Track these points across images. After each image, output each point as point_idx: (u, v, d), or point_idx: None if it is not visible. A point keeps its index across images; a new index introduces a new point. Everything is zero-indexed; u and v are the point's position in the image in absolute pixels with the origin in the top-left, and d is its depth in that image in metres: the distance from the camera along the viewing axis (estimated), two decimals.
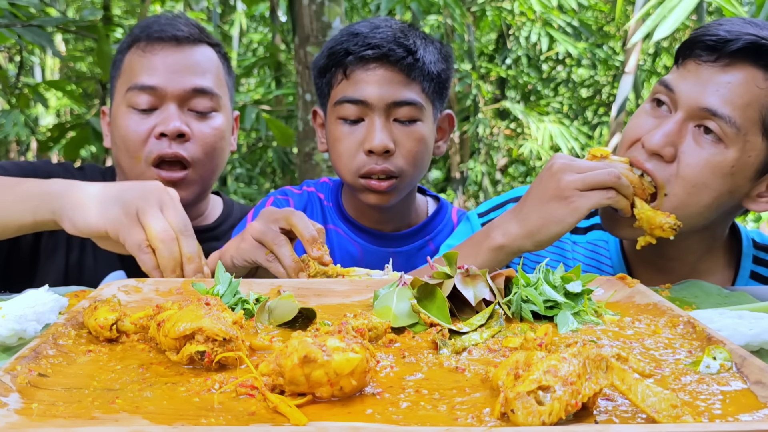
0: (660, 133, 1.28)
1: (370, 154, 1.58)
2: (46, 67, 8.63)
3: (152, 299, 1.07)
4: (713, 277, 1.45)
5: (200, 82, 1.65)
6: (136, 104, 1.63)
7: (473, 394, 0.71)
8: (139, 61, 1.66)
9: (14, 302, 0.94)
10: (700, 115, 1.28)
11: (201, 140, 1.65)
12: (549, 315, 0.96)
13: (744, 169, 1.29)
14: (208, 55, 1.71)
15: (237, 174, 8.22)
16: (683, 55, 1.33)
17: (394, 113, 1.59)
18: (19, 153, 9.70)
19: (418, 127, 1.61)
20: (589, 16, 7.92)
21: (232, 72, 1.82)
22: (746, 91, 1.26)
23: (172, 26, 1.68)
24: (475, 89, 7.15)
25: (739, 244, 1.51)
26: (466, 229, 1.61)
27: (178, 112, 1.63)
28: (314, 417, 0.65)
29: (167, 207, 1.20)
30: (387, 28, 1.61)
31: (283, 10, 7.15)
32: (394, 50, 1.57)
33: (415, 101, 1.59)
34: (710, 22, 1.35)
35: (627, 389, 0.64)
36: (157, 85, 1.62)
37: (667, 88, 1.33)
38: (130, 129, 1.63)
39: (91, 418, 0.66)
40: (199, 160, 1.65)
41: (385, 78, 1.58)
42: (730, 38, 1.26)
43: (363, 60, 1.58)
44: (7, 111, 4.07)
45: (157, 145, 1.61)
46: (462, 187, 7.94)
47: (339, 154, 1.63)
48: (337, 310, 1.03)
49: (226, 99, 1.73)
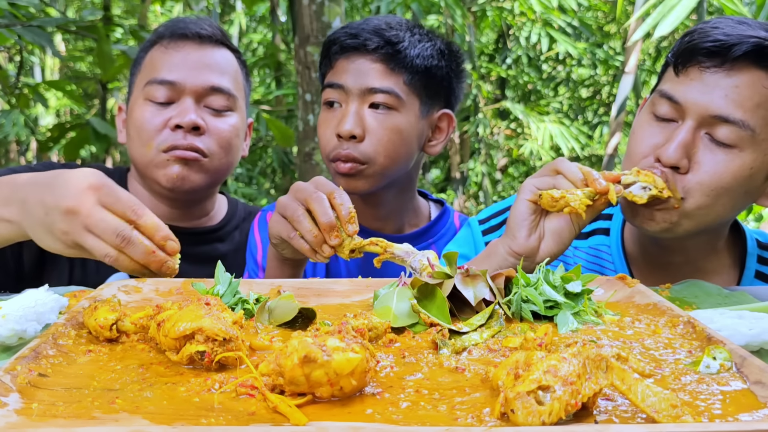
0: (674, 147, 1.27)
1: (340, 139, 1.62)
2: (46, 67, 8.64)
3: (152, 299, 1.07)
4: (719, 278, 1.45)
5: (218, 81, 1.67)
6: (153, 97, 1.65)
7: (473, 394, 0.71)
8: (161, 57, 1.68)
9: (14, 302, 0.94)
10: (712, 122, 1.27)
11: (216, 134, 1.66)
12: (549, 315, 0.96)
13: (762, 169, 1.29)
14: (228, 57, 1.73)
15: (237, 174, 8.22)
16: (683, 63, 1.31)
17: (369, 99, 1.62)
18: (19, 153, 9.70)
19: (393, 116, 1.62)
20: (589, 16, 7.93)
21: (249, 79, 1.84)
22: (755, 93, 1.25)
23: (196, 25, 1.71)
24: (475, 89, 7.15)
25: (742, 244, 1.50)
26: (466, 235, 1.61)
27: (195, 106, 1.65)
28: (314, 417, 0.65)
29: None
30: (376, 20, 1.66)
31: (283, 10, 7.15)
32: (371, 39, 1.62)
33: (391, 90, 1.61)
34: (700, 26, 1.33)
35: (627, 389, 0.64)
36: (177, 80, 1.64)
37: (670, 99, 1.31)
38: (146, 119, 1.64)
39: (91, 418, 0.66)
40: (215, 153, 1.67)
41: (363, 66, 1.63)
42: (733, 42, 1.25)
43: (344, 49, 1.65)
44: (7, 111, 4.07)
45: (172, 136, 1.62)
46: (462, 187, 7.94)
47: (320, 137, 1.69)
48: (337, 310, 1.03)
49: (241, 102, 1.75)
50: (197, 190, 1.68)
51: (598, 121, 8.39)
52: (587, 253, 1.54)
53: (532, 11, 6.48)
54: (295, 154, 6.12)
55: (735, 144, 1.26)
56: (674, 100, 1.30)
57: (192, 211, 1.78)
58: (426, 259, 1.11)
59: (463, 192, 8.04)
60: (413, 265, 1.21)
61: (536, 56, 7.81)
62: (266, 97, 7.71)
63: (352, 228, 1.19)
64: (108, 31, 4.28)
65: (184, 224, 1.77)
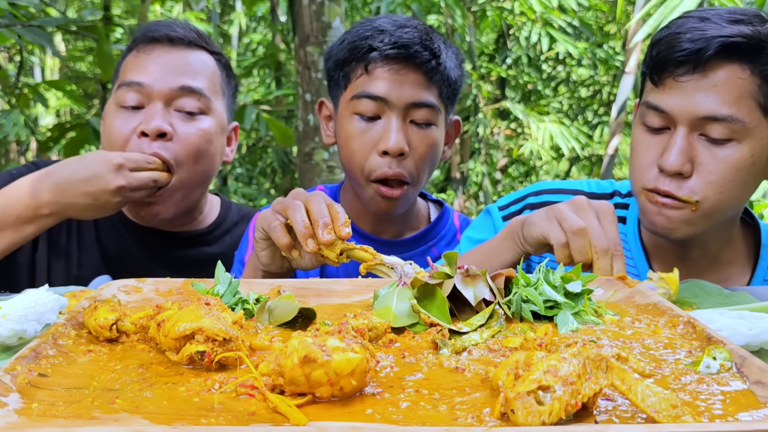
0: (674, 155, 1.30)
1: (384, 155, 1.54)
2: (46, 67, 8.64)
3: (152, 299, 1.07)
4: (734, 268, 1.48)
5: (189, 82, 1.62)
6: (123, 101, 1.61)
7: (473, 394, 0.71)
8: (133, 61, 1.65)
9: (14, 302, 0.94)
10: (702, 124, 1.30)
11: (184, 140, 1.59)
12: (549, 315, 0.96)
13: (762, 153, 1.32)
14: (202, 59, 1.68)
15: (237, 174, 8.23)
16: (657, 75, 1.34)
17: (411, 115, 1.56)
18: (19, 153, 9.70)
19: (432, 131, 1.59)
20: (589, 16, 7.93)
21: (232, 81, 1.78)
22: (733, 87, 1.28)
23: (168, 27, 1.67)
24: (475, 89, 7.15)
25: (756, 236, 1.53)
26: (487, 223, 1.61)
27: (163, 111, 1.59)
28: (314, 417, 0.65)
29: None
30: (413, 28, 1.57)
31: (283, 10, 7.15)
32: (420, 52, 1.54)
33: (433, 104, 1.57)
34: (664, 33, 1.35)
35: (627, 389, 0.64)
36: (144, 82, 1.59)
37: (656, 110, 1.34)
38: (115, 127, 1.60)
39: (91, 418, 0.66)
40: (183, 162, 1.60)
41: (408, 78, 1.55)
42: (700, 47, 1.27)
43: (387, 58, 1.54)
44: (7, 111, 4.07)
45: (138, 144, 1.57)
46: (462, 187, 7.95)
47: (352, 153, 1.58)
48: (337, 310, 1.03)
49: (218, 104, 1.69)
50: (169, 219, 1.65)
51: (599, 121, 8.39)
52: None
53: (532, 11, 6.49)
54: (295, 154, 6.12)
55: (730, 138, 1.29)
56: (660, 110, 1.33)
57: (177, 219, 1.73)
58: (414, 266, 1.09)
59: (463, 192, 8.04)
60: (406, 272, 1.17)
61: (536, 56, 7.82)
62: (266, 97, 7.72)
63: (346, 231, 1.17)
64: (108, 31, 4.28)
65: (170, 229, 1.74)
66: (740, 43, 1.27)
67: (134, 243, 1.73)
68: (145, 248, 1.73)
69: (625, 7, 6.23)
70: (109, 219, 1.71)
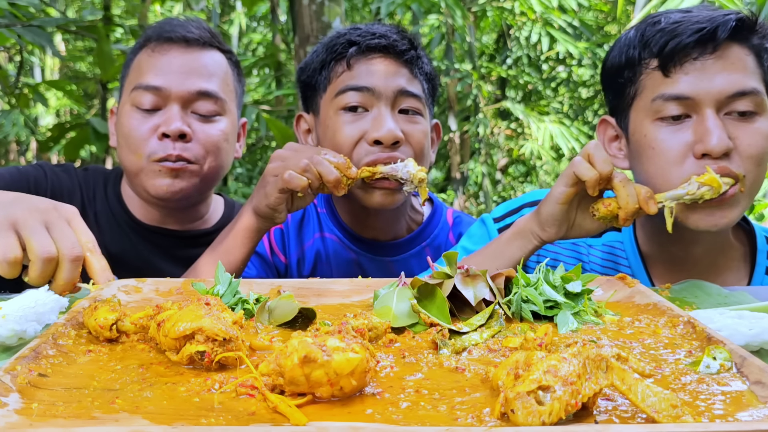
0: (718, 135, 1.29)
1: (376, 145, 1.49)
2: (46, 67, 8.65)
3: (152, 299, 1.07)
4: (731, 273, 1.48)
5: (205, 85, 1.64)
6: (140, 104, 1.62)
7: (473, 394, 0.71)
8: (147, 60, 1.66)
9: (14, 302, 0.94)
10: (728, 102, 1.31)
11: (203, 141, 1.63)
12: (549, 315, 0.96)
13: None
14: (216, 59, 1.69)
15: (237, 174, 8.23)
16: (673, 62, 1.34)
17: (400, 103, 1.53)
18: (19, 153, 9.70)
19: (422, 122, 1.57)
20: (589, 16, 7.93)
21: (242, 79, 1.80)
22: (744, 63, 1.32)
23: (183, 28, 1.67)
24: (475, 89, 7.15)
25: (752, 241, 1.52)
26: (482, 233, 1.60)
27: (181, 113, 1.62)
28: (314, 417, 0.65)
29: (53, 227, 1.13)
30: (387, 25, 1.60)
31: (283, 10, 7.15)
32: (398, 41, 1.54)
33: (419, 95, 1.56)
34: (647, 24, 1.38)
35: (627, 389, 0.64)
36: (162, 86, 1.61)
37: (678, 98, 1.33)
38: (133, 127, 1.62)
39: (91, 418, 0.66)
40: (204, 159, 1.64)
41: (391, 68, 1.53)
42: (715, 26, 1.31)
43: (368, 49, 1.53)
44: (7, 111, 4.07)
45: (161, 146, 1.60)
46: (462, 188, 7.94)
47: (339, 146, 1.51)
48: (337, 310, 1.03)
49: (232, 104, 1.72)
50: (188, 196, 1.66)
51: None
52: (602, 251, 1.55)
53: (532, 11, 6.49)
54: None
55: (755, 110, 1.32)
56: (683, 97, 1.33)
57: (184, 215, 1.76)
58: (411, 167, 1.40)
59: (464, 192, 8.04)
60: (402, 177, 1.43)
61: (536, 56, 7.82)
62: (266, 97, 7.72)
63: (354, 171, 1.42)
64: (108, 31, 4.28)
65: (176, 227, 1.75)
66: (745, 21, 1.32)
67: (140, 242, 1.74)
68: (151, 248, 1.74)
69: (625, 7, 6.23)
70: (113, 219, 1.73)
